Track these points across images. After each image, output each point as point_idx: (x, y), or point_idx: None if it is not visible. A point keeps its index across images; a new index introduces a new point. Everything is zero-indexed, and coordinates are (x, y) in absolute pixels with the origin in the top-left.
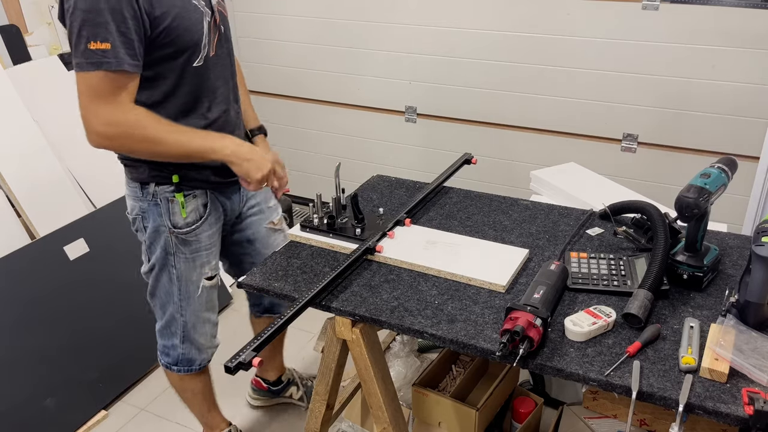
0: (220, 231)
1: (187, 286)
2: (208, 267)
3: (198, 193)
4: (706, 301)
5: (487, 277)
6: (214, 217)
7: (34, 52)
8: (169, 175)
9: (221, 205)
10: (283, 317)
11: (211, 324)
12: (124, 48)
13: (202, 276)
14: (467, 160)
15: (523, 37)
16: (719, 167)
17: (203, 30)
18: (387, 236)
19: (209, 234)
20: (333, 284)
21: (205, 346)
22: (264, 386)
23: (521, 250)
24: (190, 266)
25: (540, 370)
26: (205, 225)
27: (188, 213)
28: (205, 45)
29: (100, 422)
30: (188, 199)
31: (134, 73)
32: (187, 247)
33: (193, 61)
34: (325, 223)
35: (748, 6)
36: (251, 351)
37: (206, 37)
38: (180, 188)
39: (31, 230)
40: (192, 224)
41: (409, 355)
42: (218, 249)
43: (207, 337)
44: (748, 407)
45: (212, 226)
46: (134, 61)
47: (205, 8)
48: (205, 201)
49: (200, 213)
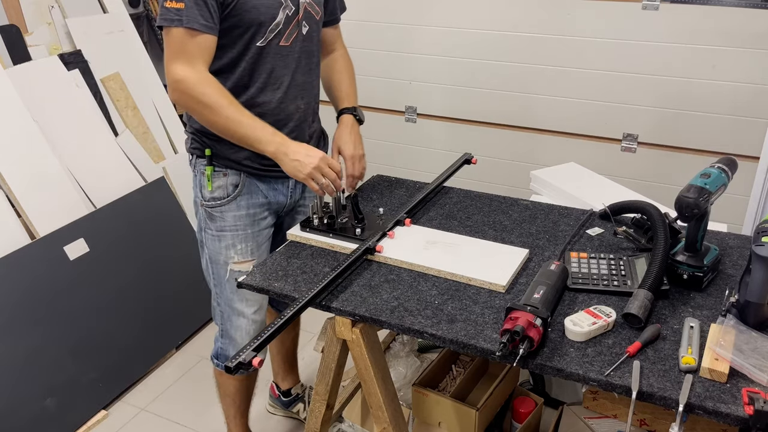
0: (257, 219)
1: (217, 268)
2: (234, 251)
3: (230, 173)
4: (706, 301)
5: (487, 277)
6: (246, 201)
7: (34, 52)
8: (204, 149)
9: (262, 192)
10: (283, 317)
11: (246, 319)
12: (197, 8)
13: (229, 259)
14: (467, 160)
15: (523, 37)
16: (719, 167)
17: (276, 16)
18: (387, 236)
19: (237, 215)
20: (333, 284)
21: (241, 345)
22: (276, 393)
23: (521, 250)
24: (216, 246)
25: (540, 370)
26: (232, 204)
27: (214, 188)
28: (273, 30)
29: (100, 422)
30: (217, 175)
31: (206, 33)
32: (213, 222)
33: (257, 40)
34: (325, 223)
35: (748, 6)
36: (251, 351)
37: (278, 25)
38: (211, 162)
39: (31, 230)
40: (218, 200)
41: (409, 355)
42: (251, 236)
43: (242, 333)
44: (748, 407)
45: (241, 209)
46: (206, 22)
47: (288, 1)
48: (236, 182)
49: (228, 191)
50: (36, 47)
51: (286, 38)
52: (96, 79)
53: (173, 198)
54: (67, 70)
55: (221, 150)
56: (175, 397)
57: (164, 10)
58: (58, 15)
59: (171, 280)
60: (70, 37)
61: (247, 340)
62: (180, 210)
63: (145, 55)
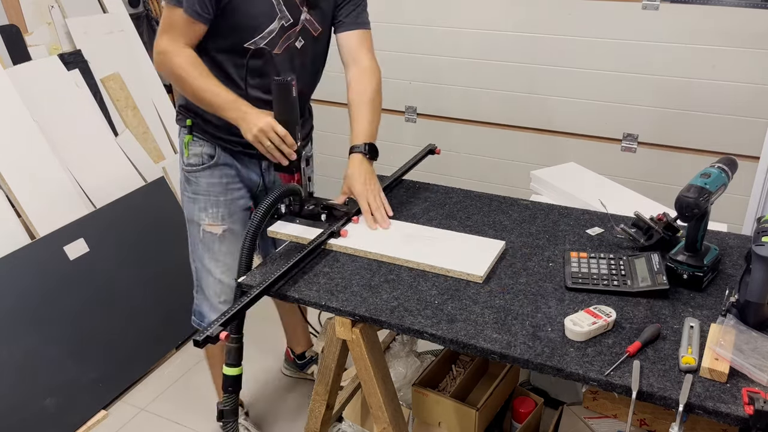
0: (230, 189)
1: (191, 227)
2: (206, 214)
3: (206, 144)
4: (706, 301)
5: (465, 269)
6: (220, 171)
7: (34, 52)
8: (185, 119)
9: (235, 166)
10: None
11: (214, 279)
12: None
13: (201, 221)
14: (431, 151)
15: (524, 37)
16: (719, 167)
17: (268, 25)
18: (352, 221)
19: (210, 182)
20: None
21: (214, 306)
22: (291, 357)
23: (498, 242)
24: (191, 207)
25: (540, 370)
26: (206, 172)
27: (191, 155)
28: (265, 38)
29: (100, 422)
30: (195, 144)
31: (198, 21)
32: (189, 185)
33: (245, 40)
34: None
35: (748, 6)
36: (218, 326)
37: (270, 33)
38: (191, 132)
39: (31, 230)
40: (194, 166)
41: (409, 355)
42: (222, 202)
43: (211, 292)
44: (748, 407)
45: (215, 177)
46: (201, 12)
47: (285, 12)
48: (211, 153)
49: (203, 160)
50: (36, 47)
51: (279, 47)
52: (96, 79)
53: (173, 198)
54: (67, 70)
55: (201, 123)
56: (175, 397)
57: None
58: (58, 15)
59: (171, 280)
60: (70, 37)
61: (216, 300)
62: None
63: (145, 55)
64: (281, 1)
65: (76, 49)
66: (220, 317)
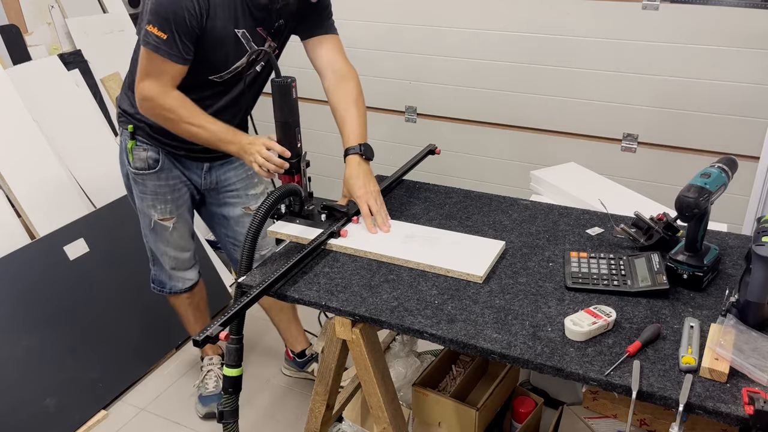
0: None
1: (142, 217)
2: (155, 210)
3: (149, 149)
4: (706, 301)
5: (465, 269)
6: (166, 174)
7: (34, 52)
8: (127, 124)
9: (179, 169)
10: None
11: (169, 257)
12: (178, 44)
13: (152, 216)
14: (431, 151)
15: (523, 37)
16: (719, 167)
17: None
18: (352, 221)
19: (157, 184)
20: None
21: (170, 275)
22: (291, 357)
23: (498, 242)
24: (140, 203)
25: (540, 370)
26: (153, 176)
27: (136, 159)
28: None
29: (100, 422)
30: (138, 148)
31: (181, 66)
32: (136, 185)
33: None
34: (291, 210)
35: (748, 6)
36: (218, 326)
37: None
38: (134, 136)
39: (31, 230)
40: (140, 170)
41: (409, 355)
42: (170, 200)
43: (167, 261)
44: (748, 407)
45: (161, 180)
46: (184, 55)
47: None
48: (156, 157)
49: (148, 164)
50: (36, 47)
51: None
52: (96, 79)
53: None
54: (67, 70)
55: (144, 128)
56: (175, 397)
57: (147, 34)
58: (58, 15)
59: None
60: (70, 37)
61: (171, 271)
62: None
63: None
64: (250, 38)
65: (76, 49)
66: (220, 317)
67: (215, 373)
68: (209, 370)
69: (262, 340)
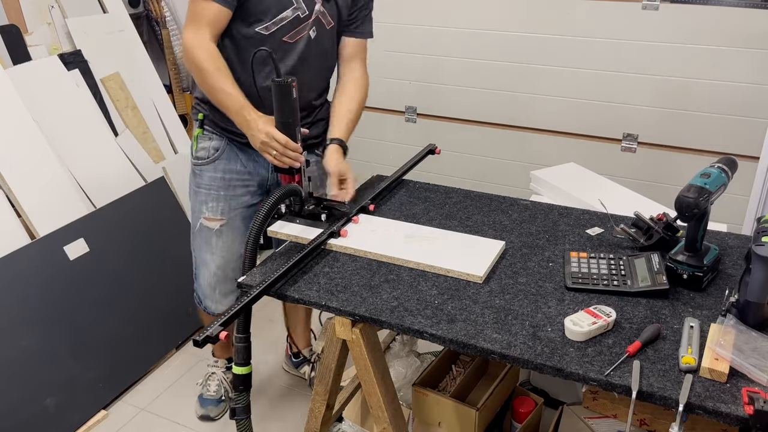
0: (232, 185)
1: (193, 218)
2: (205, 207)
3: (215, 137)
4: (706, 301)
5: (464, 269)
6: (224, 166)
7: (34, 52)
8: (198, 113)
9: (241, 161)
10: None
11: (207, 270)
12: None
13: (201, 214)
14: (431, 151)
15: (523, 37)
16: (719, 167)
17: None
18: (352, 221)
19: (212, 176)
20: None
21: (206, 293)
22: (288, 353)
23: (498, 242)
24: (194, 199)
25: (540, 370)
26: (210, 166)
27: (199, 148)
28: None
29: (100, 422)
30: (204, 138)
31: (222, 8)
32: (194, 178)
33: (258, 26)
34: (292, 210)
35: (748, 6)
36: (218, 326)
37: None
38: (202, 126)
39: (31, 230)
40: (200, 159)
41: (409, 355)
42: (222, 197)
43: (204, 282)
44: (748, 407)
45: (218, 172)
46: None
47: (301, 3)
48: (219, 146)
49: (209, 153)
50: (36, 47)
51: (291, 36)
52: (96, 79)
53: (173, 198)
54: (67, 70)
55: (212, 116)
56: (175, 397)
57: None
58: (58, 15)
59: (171, 280)
60: (70, 37)
61: (208, 290)
62: (180, 210)
63: (145, 55)
64: None
65: (76, 49)
66: (220, 317)
67: (218, 377)
68: (213, 372)
69: (262, 341)
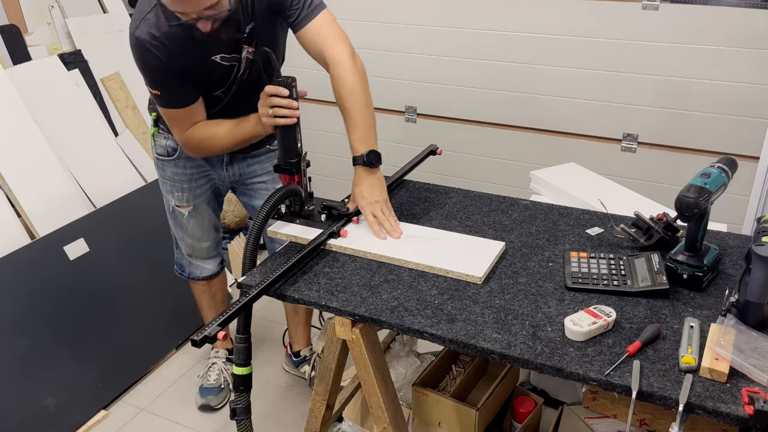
0: (193, 178)
1: (165, 199)
2: (172, 196)
3: (170, 138)
4: (706, 301)
5: (464, 269)
6: (184, 162)
7: (34, 52)
8: (152, 112)
9: (200, 161)
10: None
11: (186, 244)
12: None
13: (170, 201)
14: (432, 151)
15: (523, 37)
16: (719, 167)
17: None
18: (352, 222)
19: (175, 171)
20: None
21: (189, 260)
22: (288, 353)
23: (497, 242)
24: (162, 186)
25: (540, 370)
26: (171, 163)
27: (157, 145)
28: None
29: (100, 422)
30: (160, 136)
31: (189, 107)
32: (158, 170)
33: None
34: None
35: (748, 6)
36: (216, 326)
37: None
38: (156, 125)
39: (31, 230)
40: (161, 155)
41: (409, 355)
42: (187, 189)
43: (186, 251)
44: (748, 407)
45: (179, 167)
46: (181, 99)
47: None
48: (174, 147)
49: (167, 152)
50: (36, 47)
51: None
52: (96, 79)
53: None
54: (67, 70)
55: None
56: (175, 397)
57: (151, 95)
58: (58, 15)
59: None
60: (70, 37)
61: (188, 256)
62: None
63: None
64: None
65: (76, 49)
66: (219, 317)
67: (218, 366)
68: (213, 363)
69: (262, 341)
